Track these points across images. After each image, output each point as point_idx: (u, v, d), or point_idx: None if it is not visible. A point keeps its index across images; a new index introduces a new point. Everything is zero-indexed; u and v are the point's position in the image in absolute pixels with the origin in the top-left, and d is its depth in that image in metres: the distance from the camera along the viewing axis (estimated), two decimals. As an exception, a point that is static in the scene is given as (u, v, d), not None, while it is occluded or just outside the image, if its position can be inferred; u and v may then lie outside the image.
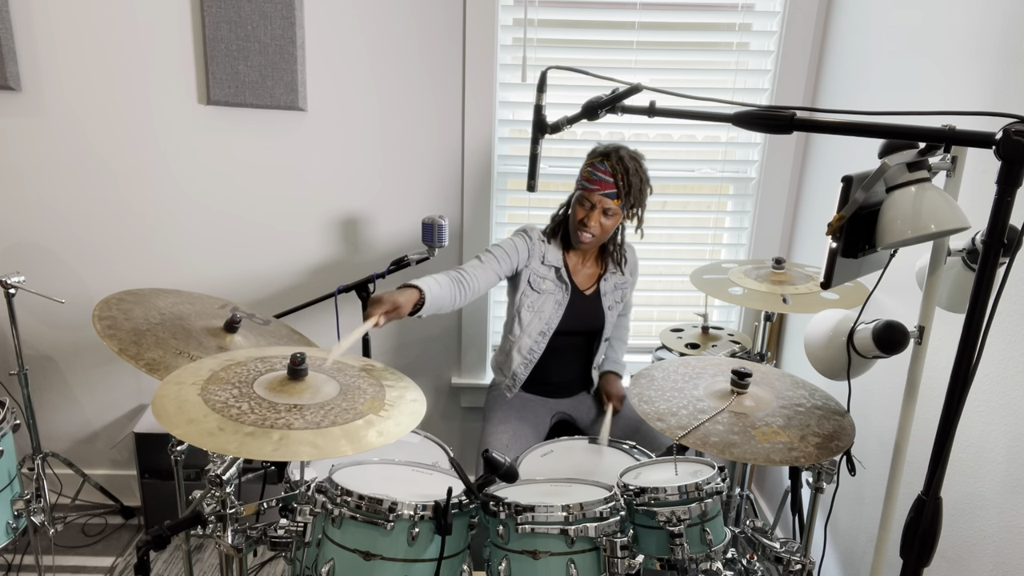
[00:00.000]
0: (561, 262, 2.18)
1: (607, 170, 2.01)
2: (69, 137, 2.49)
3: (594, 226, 2.07)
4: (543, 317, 2.17)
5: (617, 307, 2.29)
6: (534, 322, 2.18)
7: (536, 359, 2.21)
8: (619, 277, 2.26)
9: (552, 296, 2.17)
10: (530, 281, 2.17)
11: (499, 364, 2.31)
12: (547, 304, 2.17)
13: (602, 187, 2.02)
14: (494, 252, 2.11)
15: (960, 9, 1.73)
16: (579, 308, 2.21)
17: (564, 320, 2.18)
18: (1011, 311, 1.52)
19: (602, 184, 2.02)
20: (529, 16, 2.44)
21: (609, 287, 2.25)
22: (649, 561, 1.53)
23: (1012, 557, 1.50)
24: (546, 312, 2.17)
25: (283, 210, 2.61)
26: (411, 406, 1.46)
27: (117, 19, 2.39)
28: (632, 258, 2.32)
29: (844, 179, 1.26)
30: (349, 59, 2.47)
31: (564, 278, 2.17)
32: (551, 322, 2.18)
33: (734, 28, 2.50)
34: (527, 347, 2.20)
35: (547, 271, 2.17)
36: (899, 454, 1.42)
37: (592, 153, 2.08)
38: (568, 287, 2.18)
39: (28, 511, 2.03)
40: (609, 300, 2.25)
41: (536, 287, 2.17)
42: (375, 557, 1.37)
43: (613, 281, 2.25)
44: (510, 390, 2.24)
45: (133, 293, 1.91)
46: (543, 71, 1.48)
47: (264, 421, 1.29)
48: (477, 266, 2.05)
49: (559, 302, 2.18)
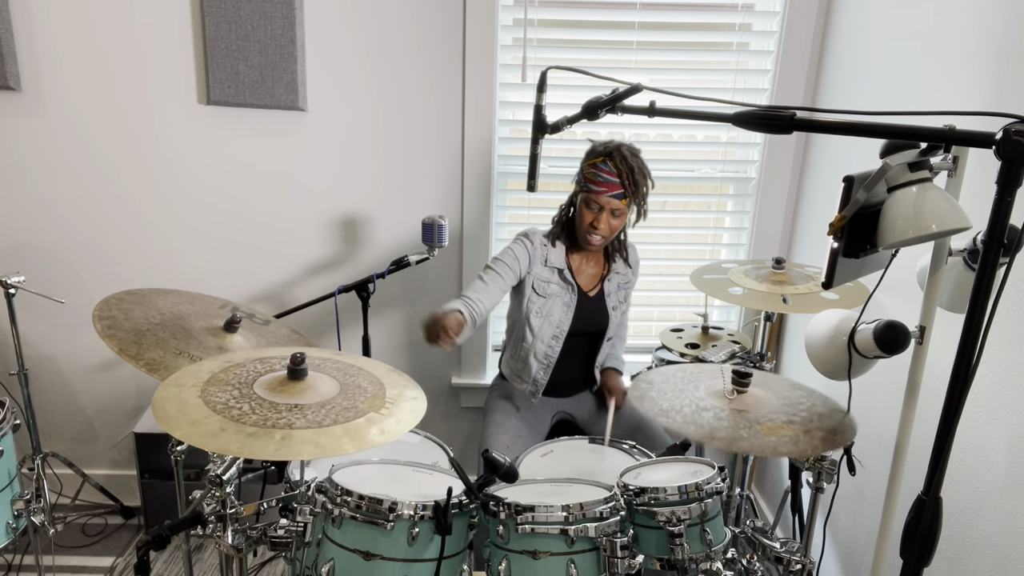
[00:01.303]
0: (564, 263, 2.17)
1: (611, 170, 2.00)
2: (69, 137, 2.49)
3: (604, 228, 2.06)
4: (553, 321, 2.16)
5: (621, 307, 2.28)
6: (544, 327, 2.16)
7: (553, 362, 2.20)
8: (622, 276, 2.26)
9: (559, 299, 2.16)
10: (534, 286, 2.15)
11: (517, 372, 2.27)
12: (555, 307, 2.16)
13: (609, 188, 2.01)
14: (496, 268, 2.09)
15: (960, 9, 1.73)
16: (585, 309, 2.20)
17: (574, 322, 2.17)
18: (1011, 311, 1.52)
19: (609, 185, 2.01)
20: (529, 16, 2.44)
21: (613, 287, 2.24)
22: (649, 561, 1.53)
23: (1012, 557, 1.50)
24: (555, 316, 2.16)
25: (283, 210, 2.61)
26: (411, 403, 1.46)
27: (117, 19, 2.39)
28: (634, 255, 2.32)
29: (846, 179, 1.26)
30: (349, 59, 2.47)
31: (569, 279, 2.17)
32: (562, 325, 2.17)
33: (734, 28, 2.50)
34: (543, 352, 2.18)
35: (551, 274, 2.16)
36: (899, 454, 1.42)
37: (592, 153, 2.06)
38: (574, 288, 2.17)
39: (28, 511, 2.03)
40: (613, 300, 2.24)
41: (541, 291, 2.15)
42: (375, 557, 1.37)
43: (616, 281, 2.25)
44: (534, 396, 2.24)
45: (133, 293, 1.91)
46: (543, 71, 1.48)
47: (266, 421, 1.28)
48: (481, 289, 2.04)
49: (567, 304, 2.17)
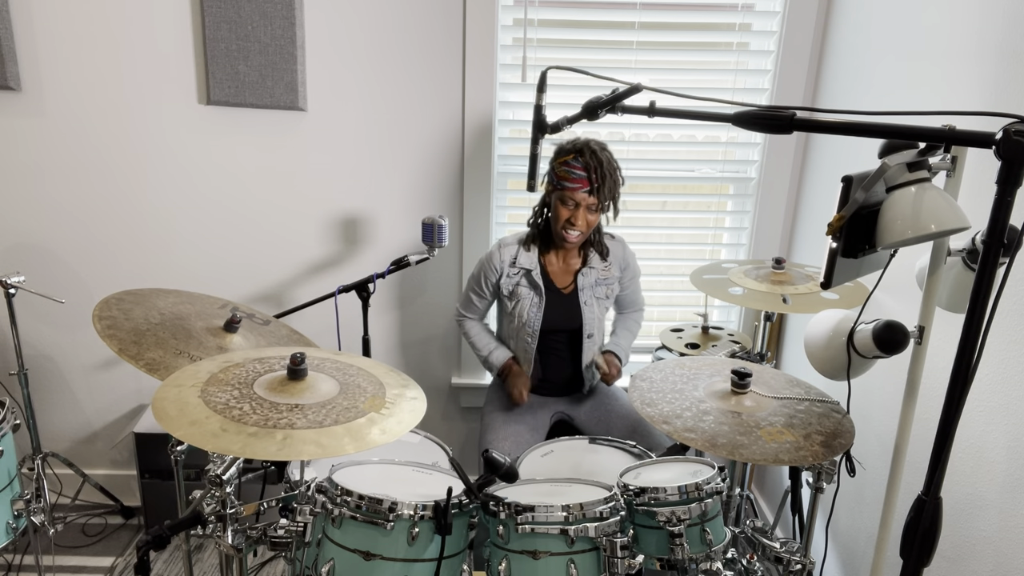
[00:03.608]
0: (535, 264, 2.21)
1: (582, 166, 2.04)
2: (69, 137, 2.49)
3: (581, 223, 2.10)
4: (523, 320, 2.24)
5: (600, 303, 2.28)
6: (518, 327, 2.25)
7: (532, 359, 2.28)
8: (600, 271, 2.27)
9: (527, 300, 2.22)
10: (504, 292, 2.25)
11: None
12: (524, 308, 2.23)
13: (583, 184, 2.05)
14: (477, 288, 2.30)
15: (960, 9, 1.73)
16: (557, 307, 2.24)
17: (545, 320, 2.23)
18: (1011, 311, 1.52)
19: (583, 181, 2.05)
20: (529, 16, 2.44)
21: (588, 282, 2.25)
22: (649, 561, 1.53)
23: (1012, 557, 1.50)
24: (525, 315, 2.23)
25: (283, 210, 2.62)
26: (411, 403, 1.46)
27: (117, 19, 2.39)
28: (619, 251, 2.32)
29: (844, 179, 1.26)
30: (349, 59, 2.47)
31: (536, 279, 2.21)
32: (533, 324, 2.23)
33: (734, 28, 2.50)
34: (522, 350, 2.29)
35: (516, 275, 2.22)
36: (899, 454, 1.42)
37: (562, 151, 2.09)
38: (540, 289, 2.21)
39: (28, 511, 2.03)
40: (587, 295, 2.25)
41: (510, 295, 2.24)
42: (375, 557, 1.37)
43: (593, 276, 2.26)
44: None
45: (133, 293, 1.91)
46: (543, 71, 1.48)
47: (267, 421, 1.28)
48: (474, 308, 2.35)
49: (536, 304, 2.22)
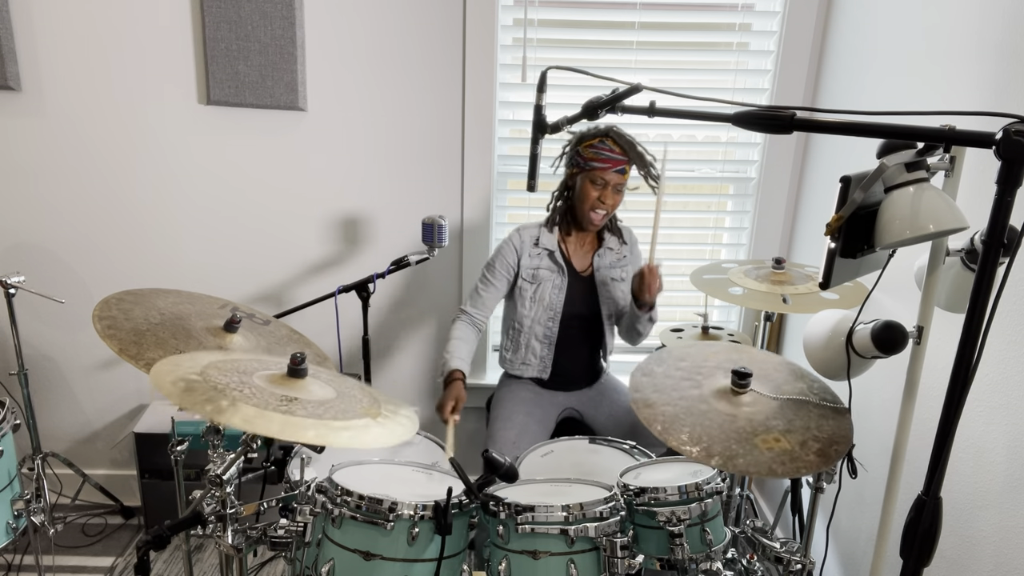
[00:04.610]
0: (556, 246, 2.22)
1: (611, 148, 2.07)
2: (69, 137, 2.49)
3: (609, 203, 2.13)
4: (545, 303, 2.22)
5: (616, 284, 2.29)
6: (539, 310, 2.22)
7: (554, 341, 2.25)
8: (616, 253, 2.29)
9: (549, 282, 2.21)
10: (524, 275, 2.22)
11: (521, 359, 2.29)
12: (546, 290, 2.21)
13: (613, 164, 2.08)
14: (490, 276, 2.23)
15: (960, 9, 1.73)
16: (578, 289, 2.25)
17: (567, 303, 2.22)
18: (1011, 311, 1.52)
19: (612, 162, 2.07)
20: (529, 16, 2.44)
21: (605, 262, 2.27)
22: (649, 561, 1.53)
23: (1012, 557, 1.50)
24: (547, 298, 2.22)
25: (283, 210, 2.62)
26: (404, 420, 1.44)
27: (117, 19, 2.39)
28: (630, 236, 2.36)
29: (842, 179, 1.26)
30: (349, 59, 2.47)
31: (559, 260, 2.21)
32: (555, 306, 2.22)
33: (734, 28, 2.50)
34: (542, 333, 2.25)
35: (539, 258, 2.21)
36: (899, 454, 1.42)
37: (587, 136, 2.11)
38: (564, 270, 2.22)
39: (28, 511, 2.03)
40: (603, 275, 2.27)
41: (531, 279, 2.22)
42: (375, 557, 1.38)
43: (609, 258, 2.28)
44: (543, 374, 2.28)
45: (133, 293, 1.91)
46: (543, 71, 1.48)
47: (267, 406, 1.27)
48: (479, 302, 2.24)
49: (558, 286, 2.22)
